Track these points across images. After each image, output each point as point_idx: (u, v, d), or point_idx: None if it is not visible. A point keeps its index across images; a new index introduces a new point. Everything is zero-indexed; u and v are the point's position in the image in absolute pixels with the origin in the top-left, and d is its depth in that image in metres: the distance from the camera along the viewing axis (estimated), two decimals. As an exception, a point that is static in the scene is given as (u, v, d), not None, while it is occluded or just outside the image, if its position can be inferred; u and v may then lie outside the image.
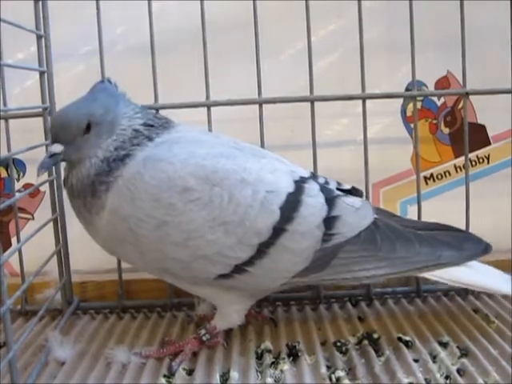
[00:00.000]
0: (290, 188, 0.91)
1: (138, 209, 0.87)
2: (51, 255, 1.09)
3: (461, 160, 1.26)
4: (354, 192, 1.01)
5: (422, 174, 1.25)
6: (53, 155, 0.90)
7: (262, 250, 0.89)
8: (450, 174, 1.29)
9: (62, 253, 1.14)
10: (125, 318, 1.13)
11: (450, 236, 0.98)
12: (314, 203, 0.92)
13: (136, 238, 0.88)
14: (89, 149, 0.90)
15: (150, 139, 0.91)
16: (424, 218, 1.11)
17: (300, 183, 0.93)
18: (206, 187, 0.87)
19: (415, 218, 1.11)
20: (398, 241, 0.94)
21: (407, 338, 0.97)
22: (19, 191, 1.23)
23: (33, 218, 1.29)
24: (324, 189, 0.95)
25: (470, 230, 1.11)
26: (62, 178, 0.99)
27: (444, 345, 0.95)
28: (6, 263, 1.04)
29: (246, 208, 0.87)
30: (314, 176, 0.98)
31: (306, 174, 0.97)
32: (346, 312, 1.10)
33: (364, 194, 1.10)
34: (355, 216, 0.94)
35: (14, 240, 1.26)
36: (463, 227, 1.12)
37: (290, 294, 1.14)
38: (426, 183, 1.29)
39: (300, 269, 0.91)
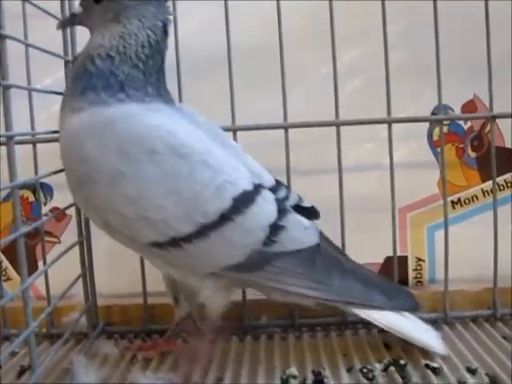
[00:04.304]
0: (249, 187, 0.92)
1: (100, 154, 0.86)
2: (76, 278, 1.10)
3: (488, 184, 1.25)
4: (312, 211, 1.02)
5: (449, 199, 1.24)
6: (72, 14, 0.97)
7: (204, 231, 0.88)
8: (477, 198, 1.28)
9: (88, 276, 1.14)
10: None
11: (385, 282, 1.03)
12: (266, 206, 0.93)
13: (89, 181, 0.87)
14: (96, 20, 0.93)
15: (143, 101, 0.91)
16: (451, 243, 1.10)
17: (259, 186, 0.94)
18: (172, 156, 0.87)
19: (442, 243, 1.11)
20: (335, 270, 0.96)
21: (435, 365, 0.95)
22: (46, 215, 1.24)
23: (59, 242, 1.30)
24: (279, 200, 0.96)
25: (499, 255, 1.11)
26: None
27: (472, 372, 0.93)
28: (32, 286, 1.05)
29: (202, 187, 0.88)
30: (275, 188, 0.99)
31: (270, 183, 0.99)
32: (372, 338, 1.09)
33: (392, 219, 1.11)
34: (300, 233, 0.95)
35: (40, 264, 1.26)
36: (491, 252, 1.11)
37: (315, 319, 1.13)
38: (454, 208, 1.27)
39: (233, 263, 0.91)
